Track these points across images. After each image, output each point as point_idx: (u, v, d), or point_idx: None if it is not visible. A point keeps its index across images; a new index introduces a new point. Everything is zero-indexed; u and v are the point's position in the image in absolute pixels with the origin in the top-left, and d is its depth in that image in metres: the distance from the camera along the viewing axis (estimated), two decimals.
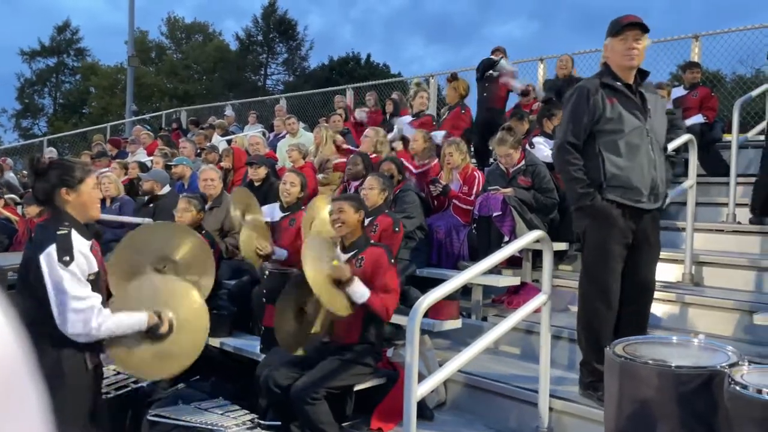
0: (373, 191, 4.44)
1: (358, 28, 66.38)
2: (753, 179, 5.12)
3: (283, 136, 8.86)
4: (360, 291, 3.30)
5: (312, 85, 25.29)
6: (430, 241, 4.91)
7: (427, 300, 2.62)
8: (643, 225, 3.08)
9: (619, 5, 10.55)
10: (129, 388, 3.68)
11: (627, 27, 3.00)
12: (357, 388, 3.45)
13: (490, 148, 5.71)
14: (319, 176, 6.25)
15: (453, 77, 7.07)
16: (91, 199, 2.57)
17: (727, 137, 6.27)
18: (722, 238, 4.83)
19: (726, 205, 5.18)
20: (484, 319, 4.52)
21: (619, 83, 3.06)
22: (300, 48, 38.35)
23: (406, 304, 3.83)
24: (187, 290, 2.99)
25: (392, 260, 3.53)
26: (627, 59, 3.01)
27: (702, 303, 3.97)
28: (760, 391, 1.48)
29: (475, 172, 5.31)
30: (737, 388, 1.52)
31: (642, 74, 3.13)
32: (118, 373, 3.75)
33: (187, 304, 2.91)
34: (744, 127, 6.61)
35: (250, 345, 4.15)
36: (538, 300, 3.23)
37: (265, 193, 5.79)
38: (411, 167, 5.64)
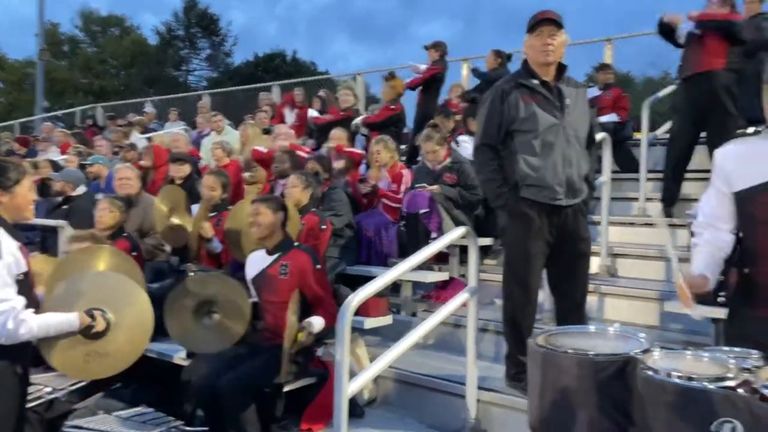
0: (295, 189, 4.43)
1: (283, 24, 65.61)
2: (662, 175, 5.44)
3: (207, 134, 8.64)
4: (317, 324, 3.37)
5: (236, 82, 24.74)
6: (360, 239, 4.92)
7: (357, 298, 2.62)
8: (563, 221, 3.15)
9: (541, 6, 10.92)
10: (44, 399, 3.47)
11: (541, 23, 3.05)
12: (287, 388, 3.42)
13: (416, 144, 5.79)
14: (245, 174, 6.13)
15: (391, 76, 7.16)
16: (25, 202, 2.53)
17: (637, 135, 6.61)
18: (635, 231, 5.10)
19: (637, 199, 5.47)
20: (414, 315, 4.57)
21: (535, 81, 3.10)
22: (223, 44, 37.48)
23: (336, 302, 3.83)
24: (133, 290, 2.94)
25: (318, 265, 3.53)
26: (543, 55, 3.05)
27: (618, 293, 4.18)
28: (669, 375, 1.57)
29: (403, 170, 5.36)
30: (649, 372, 1.61)
31: (560, 69, 3.16)
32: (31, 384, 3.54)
33: (131, 304, 2.88)
34: (653, 126, 6.99)
35: (174, 350, 4.02)
36: (465, 294, 3.31)
37: (188, 191, 5.62)
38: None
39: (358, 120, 7.19)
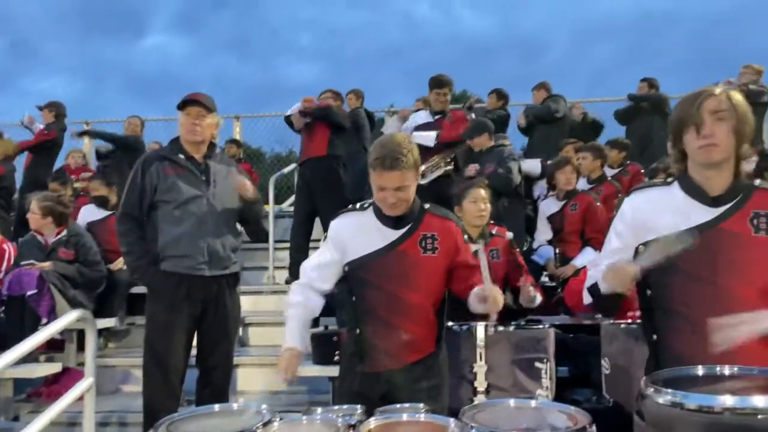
0: None
1: None
2: (288, 244, 5.85)
3: None
4: None
5: None
6: None
7: None
8: (208, 292, 3.09)
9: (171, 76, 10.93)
10: None
11: (190, 103, 3.10)
12: None
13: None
14: None
15: None
16: None
17: (267, 208, 7.03)
18: (265, 299, 5.32)
19: (267, 268, 5.76)
20: (16, 419, 3.82)
21: (181, 155, 3.12)
22: None
23: None
24: None
25: None
26: (190, 134, 3.10)
27: (250, 363, 4.24)
28: None
29: (5, 244, 4.56)
30: None
31: (211, 146, 3.21)
32: None
33: None
34: (279, 199, 7.55)
35: None
36: (81, 386, 2.91)
37: None
38: None
39: None
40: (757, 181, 1.70)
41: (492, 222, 3.60)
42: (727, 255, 1.61)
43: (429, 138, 5.03)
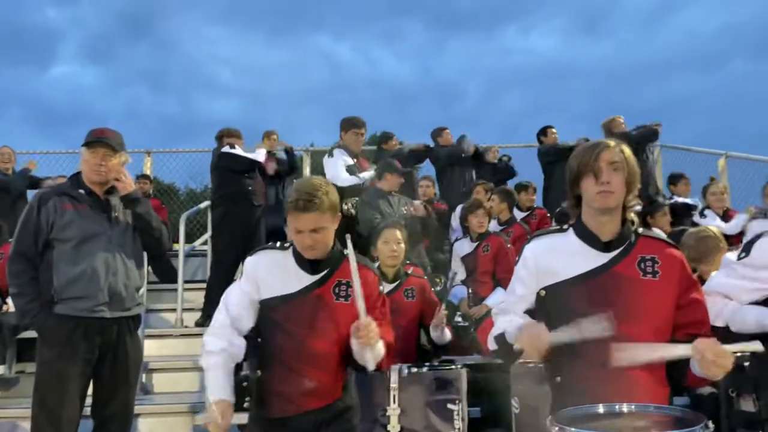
0: None
1: None
2: (200, 284, 5.64)
3: None
4: None
5: None
6: None
7: None
8: (108, 337, 2.92)
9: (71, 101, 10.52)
10: None
11: (96, 142, 2.96)
12: None
13: None
14: None
15: None
16: None
17: (175, 246, 6.77)
18: (172, 343, 5.08)
19: (175, 310, 5.51)
20: None
21: (81, 190, 2.97)
22: None
23: None
24: None
25: None
26: (94, 174, 2.97)
27: (153, 411, 4.00)
28: None
29: None
30: None
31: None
32: None
33: None
34: (191, 237, 7.31)
35: None
36: None
37: None
38: None
39: None
40: (641, 229, 1.84)
41: (408, 262, 3.64)
42: (620, 297, 1.71)
43: (369, 176, 5.10)
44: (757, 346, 1.60)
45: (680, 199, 5.95)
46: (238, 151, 5.63)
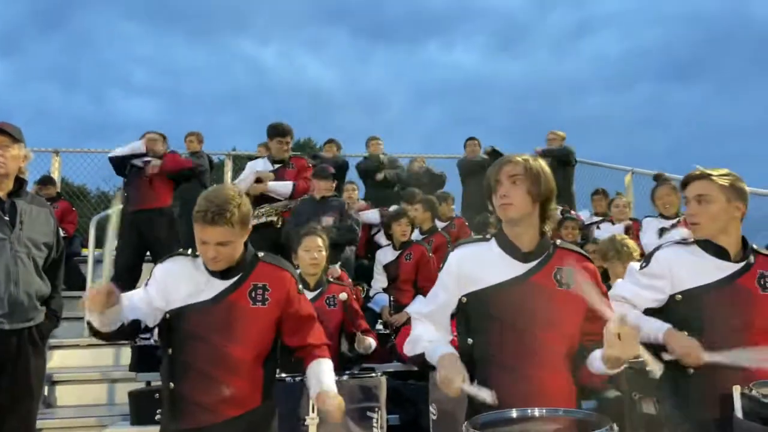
0: None
1: None
2: None
3: None
4: None
5: None
6: None
7: None
8: (7, 348, 2.71)
9: None
10: None
11: None
12: None
13: None
14: None
15: None
16: None
17: (85, 251, 6.45)
18: (78, 354, 4.81)
19: (81, 319, 5.22)
20: None
21: None
22: None
23: None
24: None
25: None
26: None
27: (57, 426, 3.79)
28: None
29: None
30: None
31: (20, 183, 2.86)
32: None
33: None
34: (102, 242, 6.94)
35: None
36: None
37: None
38: None
39: None
40: (558, 241, 1.93)
41: (343, 269, 3.63)
42: (537, 306, 1.78)
43: (286, 188, 5.00)
44: (656, 367, 1.72)
45: (574, 213, 6.32)
46: (116, 151, 5.51)
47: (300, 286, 2.25)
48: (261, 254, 2.19)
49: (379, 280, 4.88)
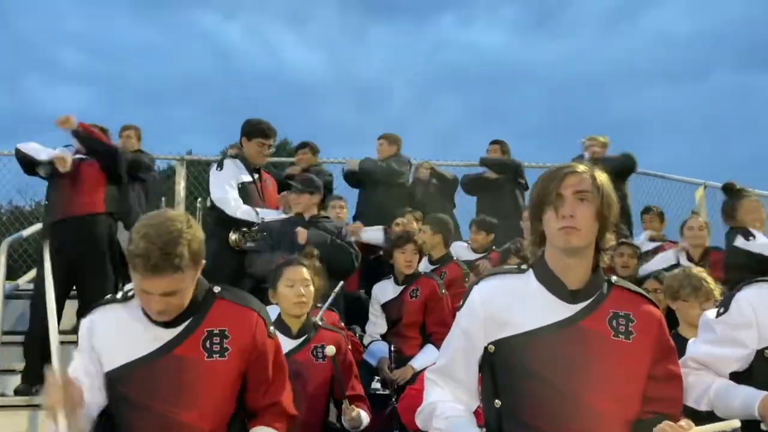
0: None
1: None
2: (23, 337, 5.33)
3: None
4: None
5: None
6: None
7: None
8: None
9: None
10: None
11: None
12: None
13: None
14: None
15: None
16: None
17: None
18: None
19: None
20: None
21: None
22: None
23: None
24: None
25: None
26: None
27: None
28: None
29: None
30: None
31: None
32: None
33: None
34: (15, 273, 6.94)
35: None
36: None
37: None
38: None
39: None
40: (614, 278, 1.88)
41: (331, 308, 3.54)
42: (586, 360, 1.74)
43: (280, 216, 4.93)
44: (734, 423, 1.67)
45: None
46: (29, 146, 5.22)
47: (272, 328, 2.20)
48: (217, 289, 2.14)
49: (377, 324, 4.79)
